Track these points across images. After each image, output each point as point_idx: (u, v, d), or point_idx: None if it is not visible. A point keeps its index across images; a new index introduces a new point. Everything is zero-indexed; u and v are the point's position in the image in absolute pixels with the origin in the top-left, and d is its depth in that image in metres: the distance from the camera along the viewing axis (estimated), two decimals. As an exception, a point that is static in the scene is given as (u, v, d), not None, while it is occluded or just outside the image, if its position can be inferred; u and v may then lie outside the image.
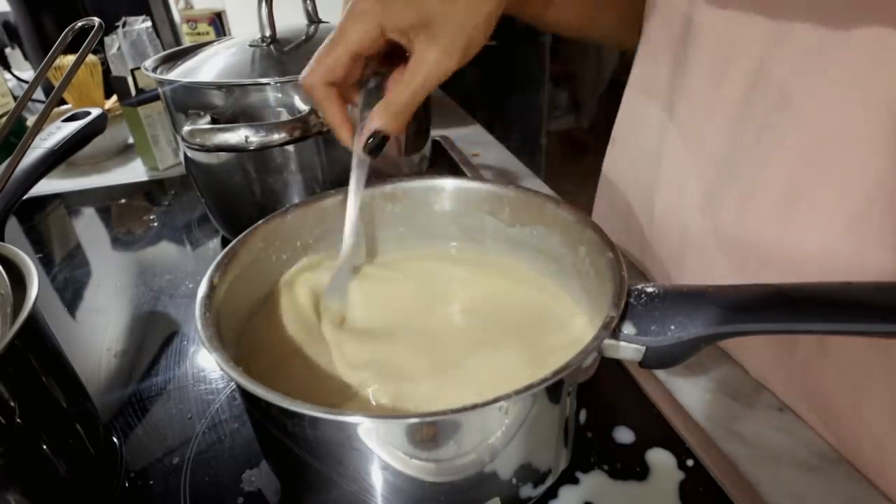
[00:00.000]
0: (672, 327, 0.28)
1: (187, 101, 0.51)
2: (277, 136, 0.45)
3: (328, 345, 0.36)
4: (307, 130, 0.47)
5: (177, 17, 1.22)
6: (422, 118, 0.62)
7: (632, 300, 0.29)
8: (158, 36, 1.01)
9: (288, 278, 0.41)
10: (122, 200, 0.78)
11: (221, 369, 0.26)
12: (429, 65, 0.34)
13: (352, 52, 0.35)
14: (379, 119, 0.35)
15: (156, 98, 0.81)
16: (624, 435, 0.37)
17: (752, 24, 0.36)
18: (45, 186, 0.70)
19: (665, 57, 0.45)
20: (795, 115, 0.34)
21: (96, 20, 0.48)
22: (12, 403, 0.29)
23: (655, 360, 0.28)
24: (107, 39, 0.85)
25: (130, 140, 0.89)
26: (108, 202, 0.78)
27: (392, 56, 0.37)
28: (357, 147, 0.37)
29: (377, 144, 0.36)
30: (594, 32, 0.55)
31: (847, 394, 0.35)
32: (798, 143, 0.34)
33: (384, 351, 0.36)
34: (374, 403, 0.32)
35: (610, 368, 0.33)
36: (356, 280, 0.42)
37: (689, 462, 0.35)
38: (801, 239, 0.35)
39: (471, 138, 0.89)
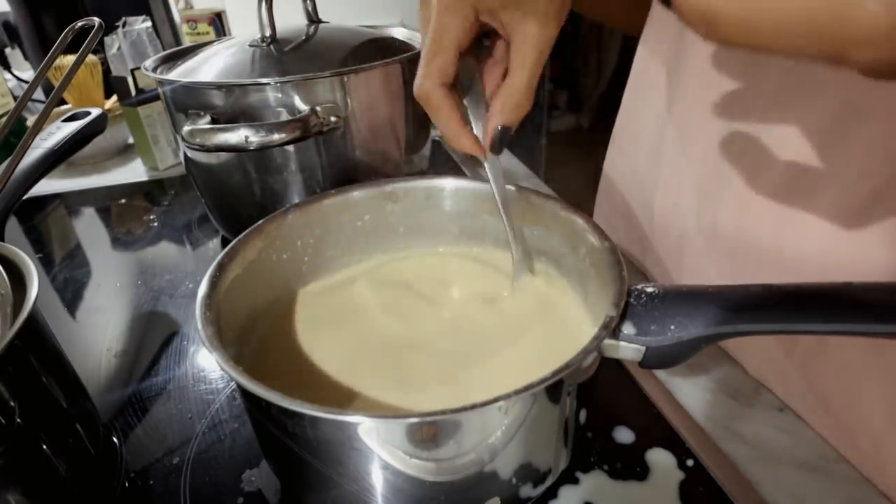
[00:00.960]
0: (672, 327, 0.28)
1: (187, 101, 0.51)
2: (277, 136, 0.45)
3: (330, 345, 0.36)
4: (307, 130, 0.47)
5: (177, 17, 1.22)
6: (422, 118, 0.62)
7: (632, 300, 0.29)
8: (158, 36, 1.02)
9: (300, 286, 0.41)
10: (122, 200, 0.78)
11: (222, 369, 0.26)
12: (534, 37, 0.32)
13: (457, 45, 0.33)
14: (501, 114, 0.34)
15: (156, 98, 0.81)
16: (624, 435, 0.37)
17: None
18: (45, 186, 0.70)
19: (663, 56, 0.45)
20: (792, 115, 0.34)
21: (96, 20, 0.48)
22: (12, 403, 0.29)
23: (655, 360, 0.28)
24: (107, 39, 0.85)
25: (130, 140, 0.89)
26: (108, 202, 0.78)
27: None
28: (484, 149, 0.35)
29: (503, 140, 0.34)
30: (612, 18, 0.55)
31: (845, 393, 0.35)
32: (795, 144, 0.34)
33: (384, 352, 0.36)
34: (374, 404, 0.32)
35: (610, 368, 0.33)
36: (356, 280, 0.42)
37: (689, 462, 0.35)
38: (800, 239, 0.35)
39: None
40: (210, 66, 0.53)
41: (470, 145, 0.35)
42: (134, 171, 0.87)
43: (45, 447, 0.32)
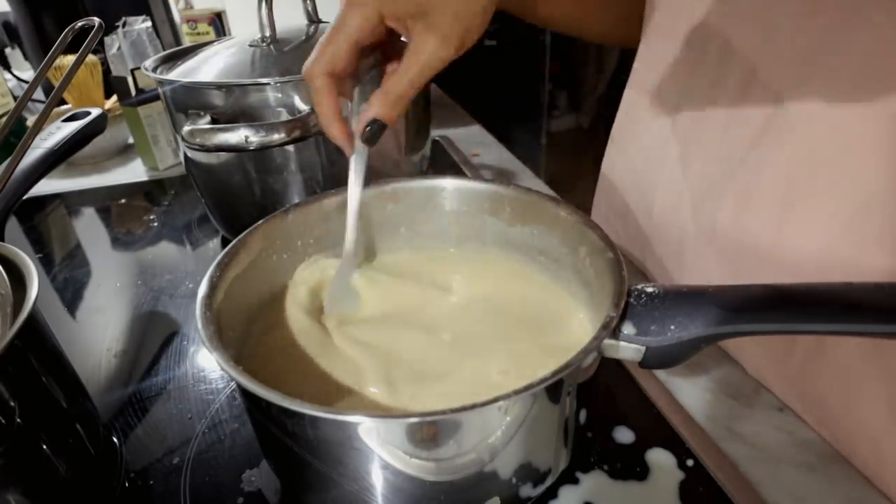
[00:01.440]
0: (672, 327, 0.28)
1: (187, 101, 0.51)
2: (277, 136, 0.45)
3: (330, 345, 0.36)
4: (307, 130, 0.47)
5: (177, 17, 1.22)
6: (422, 118, 0.62)
7: (632, 300, 0.29)
8: (158, 36, 1.02)
9: (293, 279, 0.41)
10: (122, 200, 0.78)
11: (222, 369, 0.26)
12: (427, 53, 0.33)
13: (352, 41, 0.34)
14: (377, 107, 0.35)
15: (156, 98, 0.81)
16: (624, 435, 0.37)
17: (748, 26, 0.36)
18: (45, 186, 0.70)
19: (664, 58, 0.45)
20: (791, 116, 0.34)
21: (96, 20, 0.48)
22: (12, 403, 0.29)
23: (655, 360, 0.28)
24: (107, 39, 0.85)
25: (130, 140, 0.89)
26: (108, 202, 0.78)
27: (385, 49, 0.37)
28: (354, 138, 0.36)
29: (374, 133, 0.35)
30: (588, 30, 0.55)
31: (843, 392, 0.35)
32: (794, 145, 0.34)
33: (384, 352, 0.36)
34: (374, 403, 0.32)
35: (610, 368, 0.33)
36: (357, 280, 0.42)
37: (689, 462, 0.35)
38: (799, 240, 0.35)
39: (471, 138, 0.89)
40: (210, 66, 0.53)
41: (338, 134, 0.36)
42: (134, 171, 0.87)
43: (45, 447, 0.32)
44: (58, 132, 0.57)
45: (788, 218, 0.35)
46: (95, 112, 0.61)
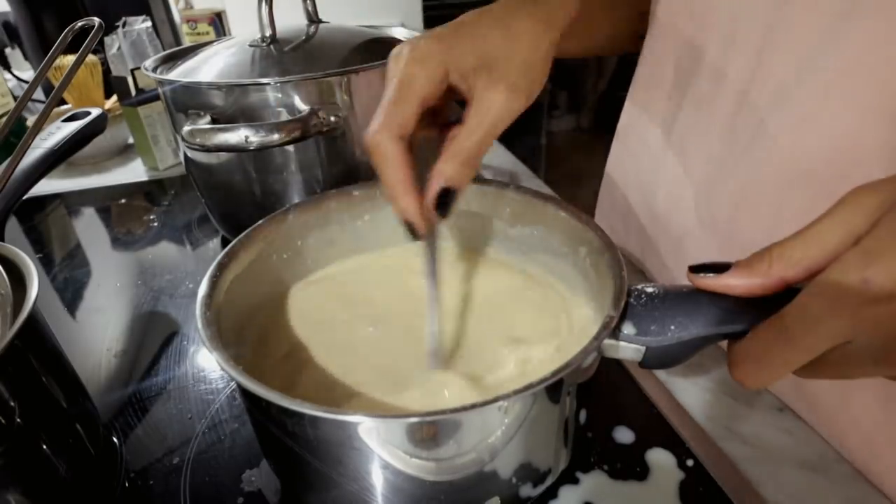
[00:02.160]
0: (672, 327, 0.28)
1: (187, 101, 0.51)
2: (277, 136, 0.45)
3: (330, 343, 0.36)
4: (307, 130, 0.47)
5: (177, 17, 1.22)
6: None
7: (632, 300, 0.29)
8: (158, 36, 1.02)
9: (300, 286, 0.41)
10: (122, 200, 0.78)
11: (222, 368, 0.26)
12: (498, 105, 0.31)
13: (421, 100, 0.31)
14: (448, 171, 0.31)
15: (156, 98, 0.81)
16: (624, 435, 0.37)
17: (749, 26, 0.36)
18: (45, 186, 0.70)
19: (668, 57, 0.45)
20: (788, 117, 0.34)
21: (96, 20, 0.48)
22: (12, 403, 0.29)
23: (655, 360, 0.28)
24: (107, 39, 0.85)
25: (130, 140, 0.89)
26: (108, 202, 0.78)
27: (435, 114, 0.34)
28: (424, 212, 0.32)
29: (447, 203, 0.31)
30: (593, 52, 0.56)
31: (836, 389, 0.35)
32: (791, 146, 0.34)
33: (385, 352, 0.36)
34: (374, 403, 0.32)
35: (610, 368, 0.33)
36: (358, 279, 0.42)
37: (689, 462, 0.35)
38: None
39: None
40: (210, 66, 0.53)
41: (414, 209, 0.31)
42: (134, 171, 0.87)
43: (45, 447, 0.32)
44: (58, 132, 0.57)
45: (783, 218, 0.35)
46: (95, 112, 0.61)
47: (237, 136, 0.45)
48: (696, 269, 0.27)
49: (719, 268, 0.26)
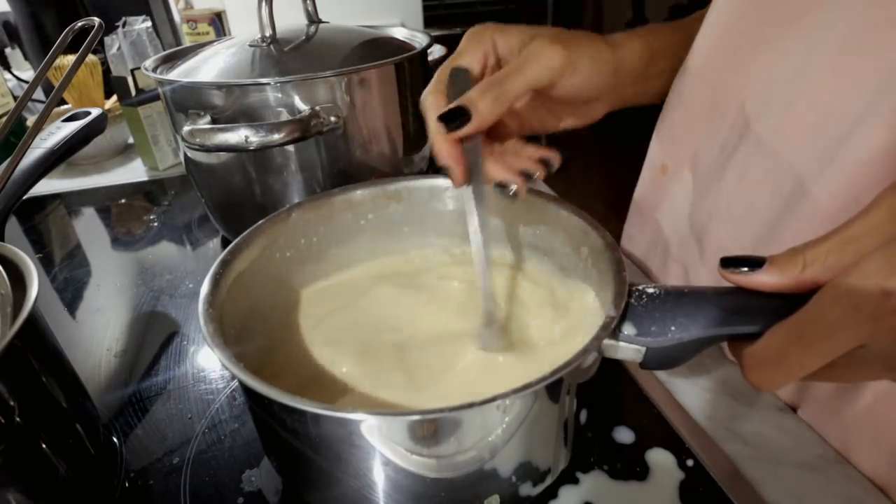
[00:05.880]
0: (672, 328, 0.28)
1: (187, 101, 0.51)
2: (277, 136, 0.45)
3: (333, 342, 0.36)
4: (307, 130, 0.47)
5: (177, 17, 1.22)
6: (421, 118, 0.62)
7: (632, 300, 0.29)
8: (158, 36, 1.02)
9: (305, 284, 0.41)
10: (122, 200, 0.78)
11: (224, 366, 0.26)
12: (546, 55, 0.34)
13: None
14: (472, 94, 0.33)
15: (156, 98, 0.81)
16: (624, 435, 0.37)
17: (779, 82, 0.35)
18: (45, 186, 0.70)
19: (696, 101, 0.44)
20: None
21: (96, 20, 0.48)
22: (12, 403, 0.29)
23: (656, 360, 0.28)
24: (107, 39, 0.86)
25: (130, 140, 0.89)
26: (108, 202, 0.78)
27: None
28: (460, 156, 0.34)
29: (458, 119, 0.33)
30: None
31: (837, 389, 0.35)
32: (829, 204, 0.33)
33: (386, 352, 0.36)
34: (376, 401, 0.32)
35: (610, 368, 0.33)
36: (360, 278, 0.42)
37: (689, 462, 0.35)
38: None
39: (471, 138, 0.89)
40: (210, 66, 0.53)
41: (444, 151, 0.34)
42: (134, 171, 0.87)
43: (45, 447, 0.32)
44: (58, 132, 0.57)
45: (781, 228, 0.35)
46: (95, 112, 0.61)
47: (237, 136, 0.45)
48: (727, 263, 0.26)
49: (752, 262, 0.26)
